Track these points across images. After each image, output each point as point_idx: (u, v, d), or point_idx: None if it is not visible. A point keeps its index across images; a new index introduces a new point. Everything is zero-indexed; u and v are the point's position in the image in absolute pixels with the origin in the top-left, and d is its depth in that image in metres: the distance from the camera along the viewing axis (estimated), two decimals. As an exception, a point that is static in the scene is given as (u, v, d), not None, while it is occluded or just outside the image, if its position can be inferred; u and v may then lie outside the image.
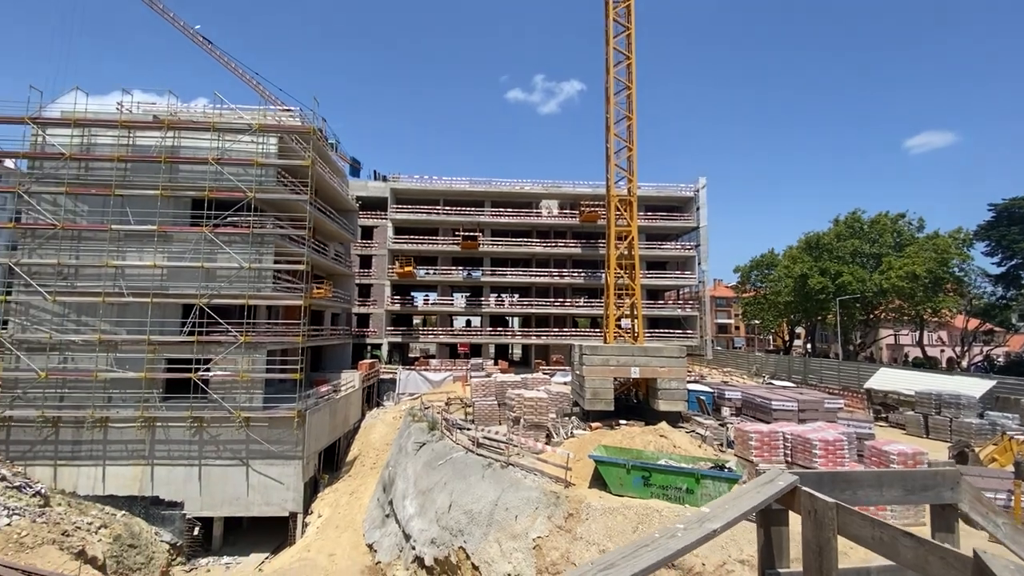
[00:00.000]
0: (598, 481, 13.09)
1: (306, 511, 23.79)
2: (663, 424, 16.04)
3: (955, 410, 20.18)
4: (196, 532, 22.59)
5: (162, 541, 21.43)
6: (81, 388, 22.81)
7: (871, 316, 43.69)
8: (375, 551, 18.79)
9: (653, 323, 48.22)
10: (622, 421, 17.80)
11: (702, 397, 20.57)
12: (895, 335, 54.96)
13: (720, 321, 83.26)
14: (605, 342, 20.68)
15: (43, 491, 15.88)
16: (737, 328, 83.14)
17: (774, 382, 27.75)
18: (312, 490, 25.07)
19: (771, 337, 73.75)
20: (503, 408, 19.83)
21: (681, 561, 10.40)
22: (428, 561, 15.46)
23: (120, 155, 23.92)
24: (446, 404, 25.27)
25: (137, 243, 23.88)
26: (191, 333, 23.20)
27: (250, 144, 24.82)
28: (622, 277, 21.16)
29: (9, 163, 36.59)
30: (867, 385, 26.02)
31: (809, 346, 54.53)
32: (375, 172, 48.94)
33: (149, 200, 23.82)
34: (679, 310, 44.17)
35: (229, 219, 24.13)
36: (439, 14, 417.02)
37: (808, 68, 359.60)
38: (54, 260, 23.21)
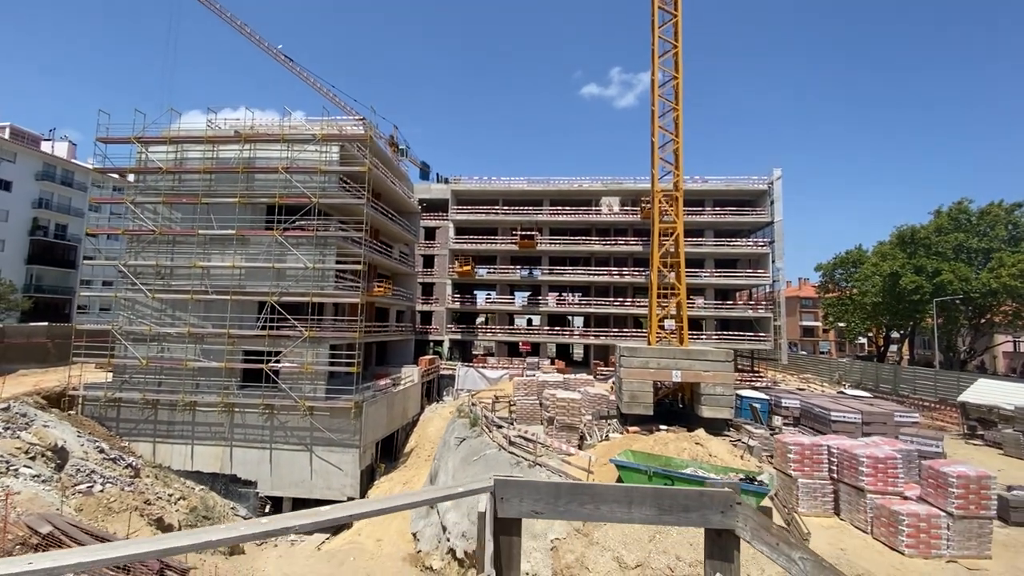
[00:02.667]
0: (621, 486, 12.75)
1: (363, 497, 25.23)
2: (700, 431, 15.27)
3: (1067, 431, 17.32)
4: (267, 509, 24.75)
5: (236, 515, 23.76)
6: (174, 375, 25.79)
7: (982, 320, 38.39)
8: (418, 540, 19.56)
9: (724, 324, 45.71)
10: (662, 427, 17.15)
11: (756, 405, 19.24)
12: (1015, 342, 47.85)
13: (805, 324, 77.05)
14: (649, 343, 19.99)
15: (134, 464, 18.23)
16: (826, 331, 76.49)
17: (847, 391, 25.26)
18: (369, 478, 26.54)
19: (865, 342, 67.06)
20: (543, 408, 19.83)
21: (697, 575, 9.92)
22: (459, 553, 15.90)
23: (206, 167, 26.73)
24: (494, 401, 25.66)
25: (220, 246, 26.56)
26: (263, 328, 25.44)
27: (315, 153, 26.75)
28: (666, 276, 20.30)
29: (131, 177, 42.23)
30: (961, 398, 22.98)
31: (906, 352, 48.97)
32: (437, 175, 50.58)
33: (229, 207, 26.38)
34: (750, 311, 41.46)
35: (297, 223, 26.14)
36: (509, 13, 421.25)
37: (912, 42, 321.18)
38: (153, 262, 26.42)
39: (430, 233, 47.36)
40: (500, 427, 18.18)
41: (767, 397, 19.69)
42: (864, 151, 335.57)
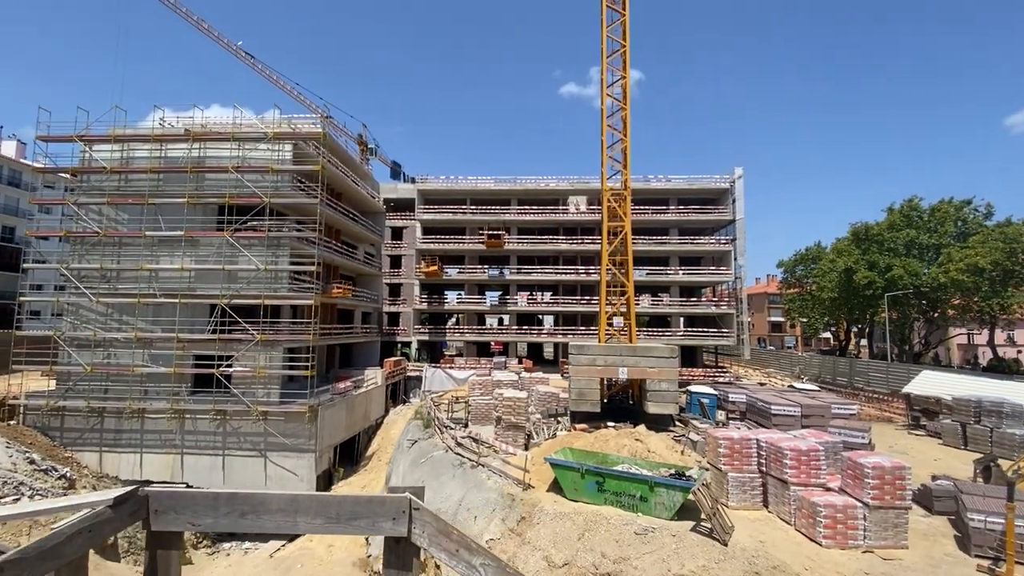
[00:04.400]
0: (558, 485, 12.73)
1: (319, 502, 24.79)
2: (641, 428, 15.36)
3: (997, 419, 17.91)
4: (220, 517, 24.08)
5: (188, 524, 23.10)
6: (122, 381, 24.91)
7: (935, 314, 39.62)
8: (369, 544, 19.28)
9: (690, 321, 46.43)
10: (610, 423, 17.22)
11: (704, 400, 19.48)
12: (968, 335, 49.54)
13: (773, 319, 78.69)
14: (600, 341, 20.07)
15: (68, 475, 17.53)
16: (793, 326, 78.17)
17: (796, 384, 25.81)
18: (327, 482, 26.05)
19: (831, 337, 68.90)
20: (495, 408, 19.71)
21: (618, 572, 9.93)
22: (404, 557, 15.72)
23: (153, 167, 25.92)
24: (451, 402, 25.52)
25: (169, 248, 25.77)
26: (214, 331, 24.77)
27: (267, 152, 26.17)
28: (616, 275, 20.41)
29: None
30: (906, 389, 23.67)
31: (864, 345, 50.33)
32: (404, 174, 50.13)
33: (178, 207, 25.62)
34: (713, 307, 42.11)
35: (250, 223, 25.51)
36: (491, 11, 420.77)
37: (884, 45, 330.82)
38: (98, 264, 25.51)
39: (397, 233, 46.92)
40: (450, 428, 18.03)
41: (715, 392, 19.96)
42: (833, 148, 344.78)
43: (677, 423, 18.36)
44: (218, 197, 25.61)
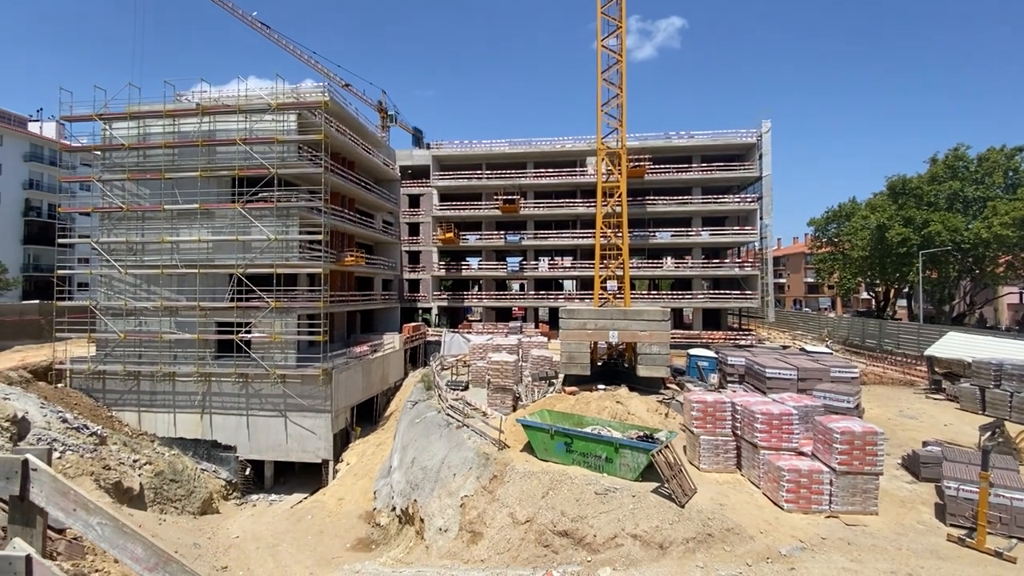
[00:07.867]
0: (531, 446, 12.97)
1: (337, 459, 26.21)
2: (622, 390, 15.32)
3: (1018, 383, 16.82)
4: (247, 472, 25.92)
5: (217, 478, 24.99)
6: (152, 347, 26.66)
7: (980, 272, 36.94)
8: (376, 498, 20.35)
9: (715, 283, 45.17)
10: (600, 386, 17.23)
11: (702, 363, 19.15)
12: (1021, 294, 46.02)
13: (809, 280, 75.48)
14: (596, 305, 19.85)
15: (100, 432, 19.11)
16: (830, 287, 74.81)
17: (808, 347, 24.83)
18: (344, 440, 27.45)
19: (872, 298, 65.58)
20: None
21: (574, 530, 10.15)
22: (398, 511, 16.54)
23: (167, 142, 26.78)
24: (461, 365, 26.09)
25: (187, 220, 26.89)
26: (232, 300, 25.98)
27: (272, 123, 26.54)
28: (611, 238, 19.93)
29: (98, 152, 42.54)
30: (928, 352, 22.47)
31: (903, 307, 47.67)
32: (419, 140, 49.79)
33: (193, 181, 26.55)
34: (736, 269, 40.69)
35: (261, 194, 26.21)
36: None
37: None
38: (124, 238, 26.94)
39: (414, 200, 47.09)
40: (444, 391, 18.51)
41: (715, 356, 19.54)
42: (877, 97, 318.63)
43: (669, 386, 18.18)
44: (229, 169, 26.35)
